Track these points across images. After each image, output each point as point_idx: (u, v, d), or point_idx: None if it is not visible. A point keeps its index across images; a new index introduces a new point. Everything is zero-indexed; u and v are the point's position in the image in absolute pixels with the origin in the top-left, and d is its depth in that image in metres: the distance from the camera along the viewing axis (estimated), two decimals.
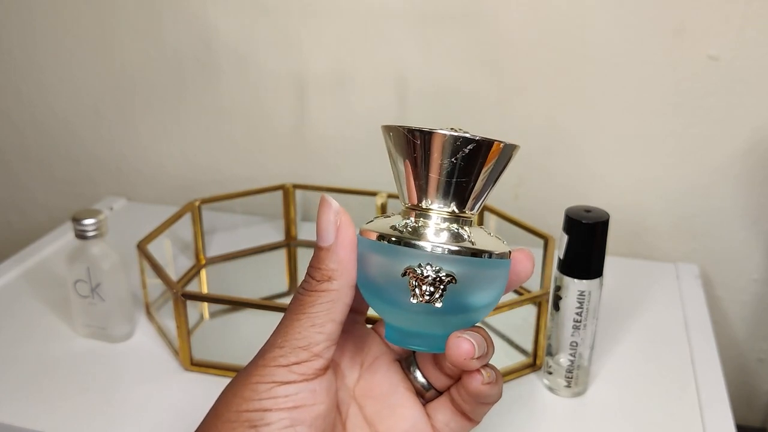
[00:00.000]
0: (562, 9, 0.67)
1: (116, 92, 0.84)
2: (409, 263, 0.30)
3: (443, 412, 0.35)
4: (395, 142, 0.32)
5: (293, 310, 0.32)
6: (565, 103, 0.71)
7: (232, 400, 0.31)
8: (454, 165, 0.31)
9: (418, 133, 0.31)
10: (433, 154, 0.31)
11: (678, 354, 0.57)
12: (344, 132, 0.78)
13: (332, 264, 0.31)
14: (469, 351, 0.31)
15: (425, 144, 0.31)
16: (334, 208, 0.31)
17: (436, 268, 0.30)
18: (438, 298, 0.30)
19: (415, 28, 0.71)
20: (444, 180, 0.31)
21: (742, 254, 0.72)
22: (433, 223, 0.31)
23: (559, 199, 0.74)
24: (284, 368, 0.31)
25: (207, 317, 0.63)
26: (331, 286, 0.31)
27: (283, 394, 0.30)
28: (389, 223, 0.32)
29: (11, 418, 0.50)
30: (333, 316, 0.31)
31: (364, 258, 0.32)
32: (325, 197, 0.32)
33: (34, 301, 0.64)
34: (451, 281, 0.30)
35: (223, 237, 0.76)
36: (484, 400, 0.33)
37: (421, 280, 0.30)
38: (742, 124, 0.67)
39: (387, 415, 0.35)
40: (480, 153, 0.31)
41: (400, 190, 0.33)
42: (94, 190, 0.90)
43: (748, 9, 0.63)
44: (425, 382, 0.35)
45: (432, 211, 0.32)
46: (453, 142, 0.30)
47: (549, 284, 0.55)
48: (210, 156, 0.84)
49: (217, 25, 0.77)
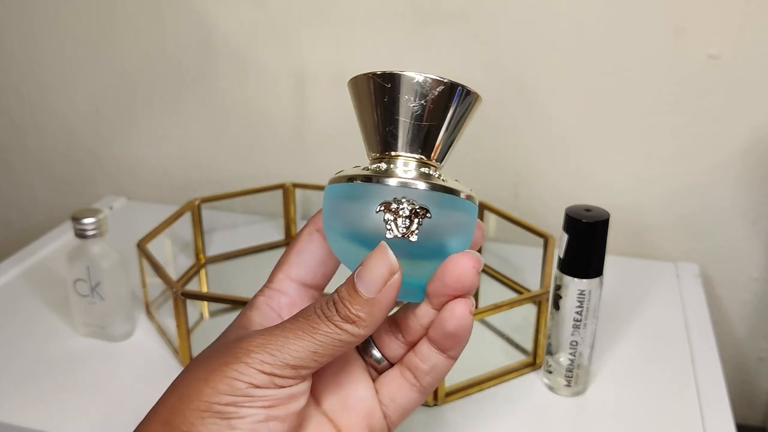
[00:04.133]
0: (562, 9, 0.67)
1: (116, 91, 0.84)
2: (384, 198, 0.30)
3: (390, 385, 0.34)
4: (359, 93, 0.33)
5: (298, 324, 0.30)
6: (565, 102, 0.71)
7: (204, 388, 0.29)
8: (416, 107, 0.31)
9: (379, 76, 0.31)
10: (395, 96, 0.31)
11: (678, 353, 0.57)
12: (344, 130, 0.78)
13: (363, 314, 0.30)
14: (476, 262, 0.31)
15: (388, 87, 0.31)
16: (392, 264, 0.30)
17: (411, 200, 0.30)
18: (414, 231, 0.30)
19: (415, 28, 0.71)
20: (408, 123, 0.31)
21: (743, 253, 0.72)
22: (401, 164, 0.32)
23: (559, 198, 0.74)
24: (266, 376, 0.29)
25: (207, 316, 0.63)
26: (351, 329, 0.30)
27: (260, 395, 0.29)
28: (358, 170, 0.32)
29: (11, 416, 0.50)
30: (337, 354, 0.30)
31: (335, 206, 0.32)
32: (385, 246, 0.30)
33: (34, 300, 0.64)
34: (425, 215, 0.30)
35: (223, 236, 0.76)
36: (460, 341, 0.32)
37: (396, 214, 0.30)
38: (742, 123, 0.67)
39: (336, 392, 0.34)
40: (443, 94, 0.31)
41: (367, 142, 0.33)
42: (94, 189, 0.90)
43: (749, 8, 0.63)
44: (379, 355, 0.35)
45: (398, 158, 0.32)
46: (413, 82, 0.31)
47: (549, 283, 0.55)
48: (210, 155, 0.84)
49: (217, 25, 0.77)
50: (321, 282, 0.35)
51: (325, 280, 0.35)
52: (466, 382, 0.52)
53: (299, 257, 0.35)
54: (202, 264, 0.70)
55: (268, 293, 0.35)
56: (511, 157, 0.73)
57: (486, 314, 0.51)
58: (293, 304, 0.34)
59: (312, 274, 0.35)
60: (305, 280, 0.35)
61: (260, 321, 0.34)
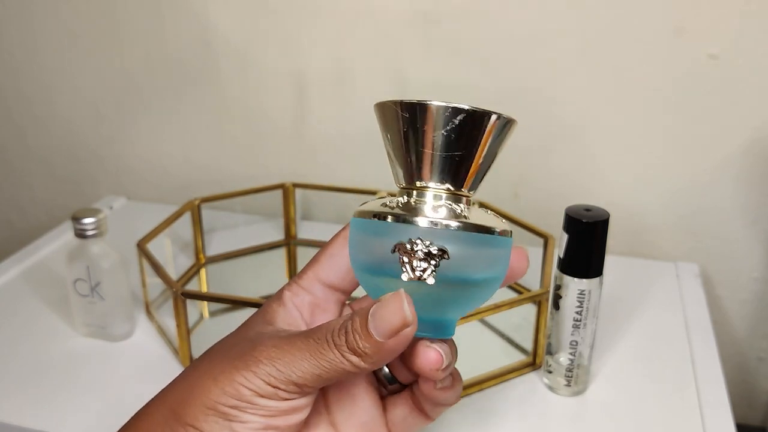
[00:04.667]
0: (561, 9, 0.67)
1: (117, 91, 0.84)
2: (399, 239, 0.29)
3: (402, 407, 0.35)
4: (386, 119, 0.31)
5: (308, 345, 0.30)
6: (565, 102, 0.71)
7: (212, 387, 0.30)
8: (444, 138, 0.29)
9: (408, 106, 0.30)
10: (423, 127, 0.30)
11: (678, 353, 0.57)
12: (344, 131, 0.78)
13: (370, 351, 0.30)
14: (437, 361, 0.31)
15: (415, 117, 0.30)
16: (405, 317, 0.29)
17: (426, 243, 0.29)
18: (430, 274, 0.29)
19: (415, 27, 0.71)
20: (436, 155, 0.30)
21: (742, 253, 0.72)
22: (426, 200, 0.30)
23: (559, 198, 0.74)
24: (271, 388, 0.30)
25: (207, 316, 0.63)
26: (356, 362, 0.30)
27: (263, 404, 0.30)
28: (381, 203, 0.31)
29: (11, 416, 0.50)
30: (341, 379, 0.31)
31: (357, 240, 0.31)
32: (401, 296, 0.29)
33: (34, 300, 0.64)
34: (442, 256, 0.29)
35: (222, 236, 0.76)
36: (442, 402, 0.34)
37: (411, 256, 0.29)
38: (742, 123, 0.67)
39: (348, 404, 0.35)
40: (472, 124, 0.29)
41: (395, 171, 0.32)
42: (94, 189, 0.90)
43: (748, 8, 0.63)
44: (390, 374, 0.35)
45: (426, 190, 0.30)
46: (443, 112, 0.29)
47: (549, 283, 0.55)
48: (210, 155, 0.84)
49: (217, 25, 0.77)
50: (348, 287, 0.35)
51: (352, 287, 0.35)
52: (466, 382, 0.52)
53: (330, 260, 0.35)
54: (202, 264, 0.70)
55: (294, 289, 0.35)
56: (511, 157, 0.73)
57: (486, 314, 0.51)
58: (316, 305, 0.35)
59: (340, 279, 0.35)
60: (333, 283, 0.35)
61: (284, 318, 0.34)
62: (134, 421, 0.33)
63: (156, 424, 0.31)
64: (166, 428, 0.31)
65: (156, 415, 0.31)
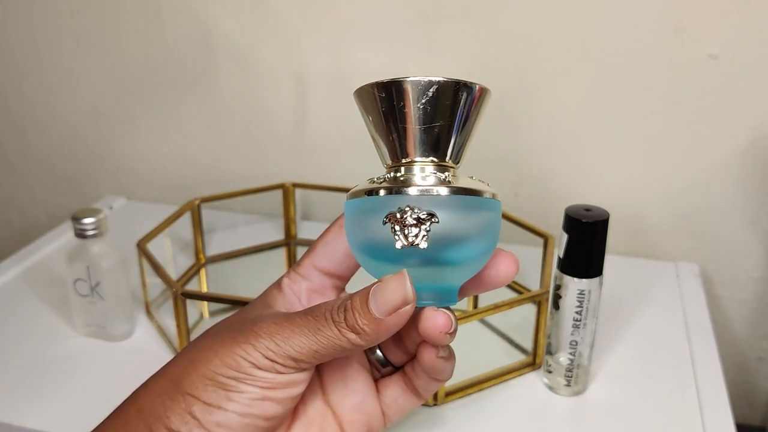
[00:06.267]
0: (562, 8, 0.67)
1: (117, 91, 0.84)
2: (389, 210, 0.30)
3: (394, 387, 0.36)
4: (365, 103, 0.32)
5: (306, 321, 0.31)
6: (564, 102, 0.71)
7: (213, 358, 0.31)
8: (421, 110, 0.31)
9: (383, 85, 0.31)
10: (401, 103, 0.31)
11: (678, 353, 0.57)
12: (344, 131, 0.78)
13: (368, 329, 0.30)
14: (446, 324, 0.31)
15: (391, 95, 0.31)
16: (406, 295, 0.30)
17: (415, 209, 0.30)
18: (422, 238, 0.29)
19: (415, 28, 0.71)
20: (416, 128, 0.31)
21: (742, 252, 0.72)
22: (414, 173, 0.31)
23: (558, 198, 0.74)
24: (268, 361, 0.31)
25: (207, 316, 0.63)
26: (353, 339, 0.30)
27: (261, 376, 0.31)
28: (370, 181, 0.32)
29: (11, 416, 0.50)
30: (337, 355, 0.31)
31: (352, 220, 0.32)
32: (404, 275, 0.30)
33: (34, 300, 0.64)
34: (432, 219, 0.30)
35: (222, 236, 0.76)
36: (437, 376, 0.34)
37: (401, 224, 0.30)
38: (741, 123, 0.67)
39: (342, 385, 0.36)
40: (445, 94, 0.31)
41: (380, 153, 0.33)
42: (94, 188, 0.90)
43: (748, 8, 0.63)
44: (383, 357, 0.36)
45: (413, 164, 0.31)
46: (417, 86, 0.30)
47: (549, 283, 0.55)
48: (210, 155, 0.84)
49: (217, 24, 0.77)
50: (345, 273, 0.36)
51: (349, 272, 0.36)
52: (466, 381, 0.52)
53: (326, 248, 0.36)
54: (202, 264, 0.70)
55: (293, 276, 0.36)
56: (511, 157, 0.73)
57: (486, 314, 0.51)
58: (314, 291, 0.36)
59: (336, 265, 0.36)
60: (329, 270, 0.36)
61: (282, 302, 0.36)
62: (135, 393, 0.34)
63: (155, 394, 0.32)
64: (166, 398, 0.31)
65: (155, 387, 0.32)
